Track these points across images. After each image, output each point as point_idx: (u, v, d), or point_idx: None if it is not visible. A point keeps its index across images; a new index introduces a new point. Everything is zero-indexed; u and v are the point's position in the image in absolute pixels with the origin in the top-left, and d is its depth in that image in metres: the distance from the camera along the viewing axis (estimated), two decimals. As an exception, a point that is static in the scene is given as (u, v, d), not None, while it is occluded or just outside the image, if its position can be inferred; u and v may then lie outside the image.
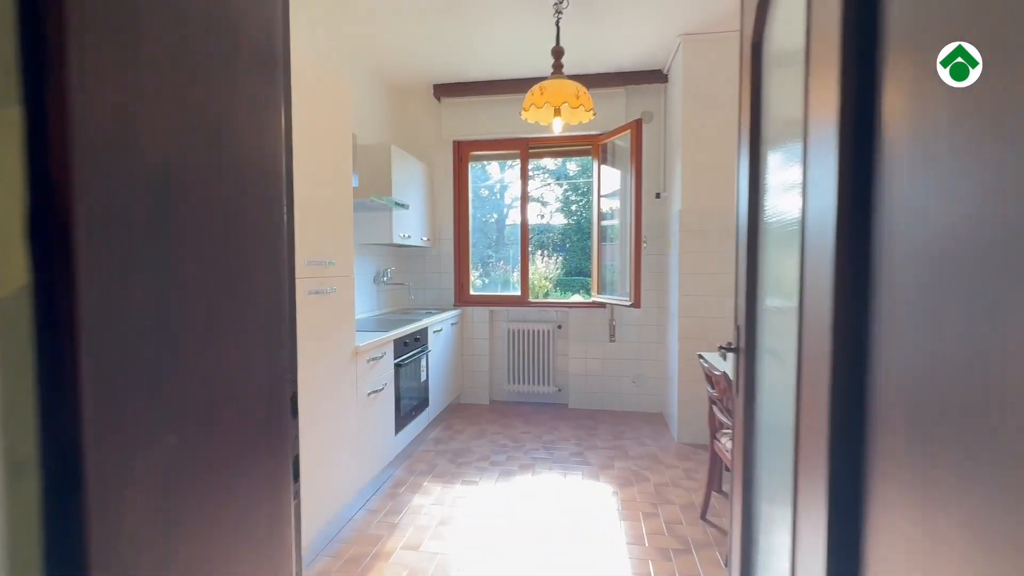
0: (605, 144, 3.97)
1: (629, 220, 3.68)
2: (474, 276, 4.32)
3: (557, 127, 2.37)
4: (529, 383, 4.20)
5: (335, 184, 2.16)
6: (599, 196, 4.02)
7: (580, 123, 2.45)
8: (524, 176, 4.19)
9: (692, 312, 3.28)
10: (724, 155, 3.18)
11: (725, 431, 2.26)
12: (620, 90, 3.86)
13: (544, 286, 6.99)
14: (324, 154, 2.07)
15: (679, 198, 3.33)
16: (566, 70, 2.85)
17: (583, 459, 3.07)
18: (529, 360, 4.19)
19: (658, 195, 3.85)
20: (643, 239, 3.55)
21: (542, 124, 2.52)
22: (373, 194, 2.83)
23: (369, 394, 2.48)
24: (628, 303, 3.58)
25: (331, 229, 2.12)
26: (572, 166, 11.03)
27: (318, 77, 2.02)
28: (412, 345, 3.09)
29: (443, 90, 4.05)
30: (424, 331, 3.30)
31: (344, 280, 2.23)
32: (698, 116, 3.20)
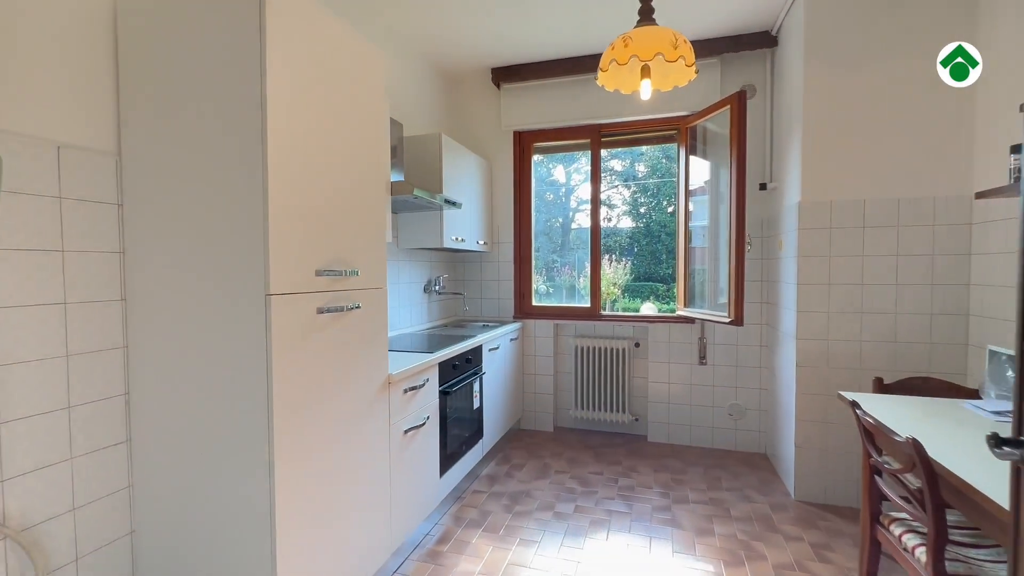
0: (694, 127, 3.30)
1: (727, 218, 2.99)
2: (537, 282, 3.81)
3: (646, 91, 1.79)
4: (600, 409, 3.61)
5: (362, 175, 1.72)
6: (687, 190, 3.36)
7: (675, 88, 1.85)
8: (596, 168, 3.61)
9: (815, 333, 2.54)
10: (865, 129, 2.43)
11: (898, 517, 1.56)
12: (712, 61, 3.18)
13: (612, 292, 6.35)
14: (346, 138, 1.64)
15: (796, 188, 2.61)
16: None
17: (671, 518, 2.44)
18: (600, 382, 3.59)
19: (763, 186, 3.12)
20: (747, 241, 2.86)
21: (623, 93, 1.95)
22: (418, 189, 2.39)
23: (407, 432, 2.02)
24: (726, 319, 2.89)
25: (355, 230, 1.69)
26: (640, 167, 10.26)
27: (335, 44, 1.60)
28: (463, 367, 2.62)
29: (502, 74, 3.57)
30: (478, 350, 2.82)
31: (372, 294, 1.78)
32: (826, 82, 2.48)
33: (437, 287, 3.48)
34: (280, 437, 1.35)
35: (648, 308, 5.08)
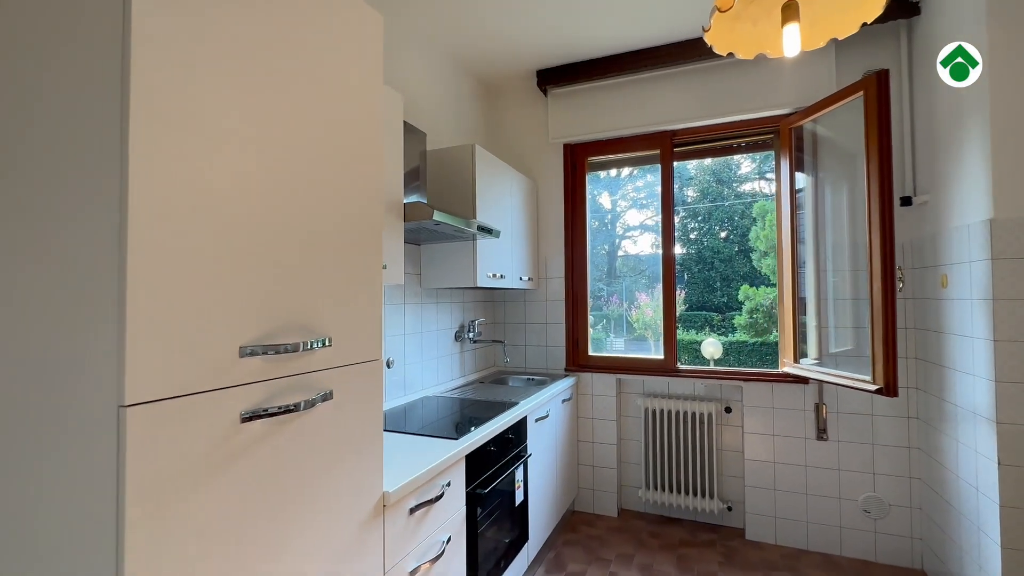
0: (799, 128, 2.55)
1: (859, 243, 2.20)
2: (589, 316, 3.09)
3: (791, 42, 1.09)
4: (679, 492, 2.79)
5: (343, 194, 1.11)
6: (793, 209, 2.58)
7: (843, 35, 1.14)
8: (668, 184, 2.90)
9: (1030, 416, 1.68)
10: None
11: None
12: (824, 48, 2.45)
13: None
14: (314, 138, 1.04)
15: (979, 200, 1.80)
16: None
17: None
18: (679, 457, 2.79)
19: (907, 200, 2.31)
20: (899, 276, 2.05)
21: (740, 54, 1.26)
22: (440, 213, 1.78)
23: (413, 572, 1.34)
24: (871, 386, 2.06)
25: (328, 276, 1.06)
26: (690, 192, 9.50)
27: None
28: (501, 451, 1.92)
29: (550, 77, 2.97)
30: (521, 425, 2.12)
31: (356, 373, 1.14)
32: (1022, 46, 1.69)
33: (471, 334, 2.83)
34: None
35: (711, 344, 4.23)
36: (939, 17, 2.09)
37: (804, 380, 2.50)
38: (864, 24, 1.13)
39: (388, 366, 2.17)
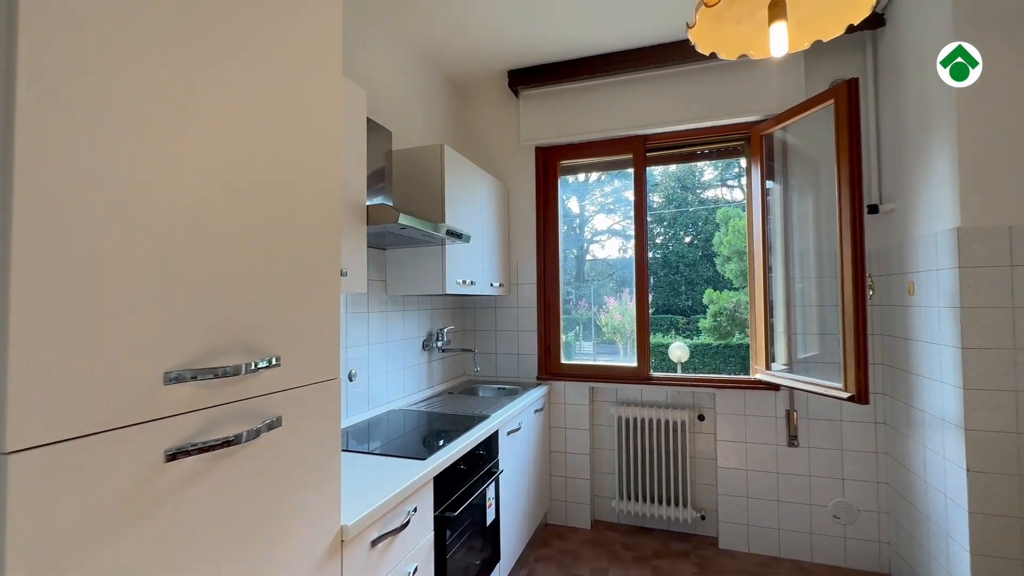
0: (769, 135, 2.56)
1: (826, 250, 2.21)
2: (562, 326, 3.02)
3: (778, 41, 1.03)
4: (653, 501, 2.74)
5: (291, 192, 0.99)
6: (764, 216, 2.58)
7: (829, 37, 1.10)
8: (640, 188, 2.86)
9: (997, 423, 1.70)
10: (1059, 121, 1.66)
11: None
12: (795, 54, 2.46)
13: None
14: (265, 131, 0.92)
15: (946, 209, 1.82)
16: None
17: None
18: (652, 465, 2.74)
19: (874, 208, 2.34)
20: (869, 284, 2.06)
21: (723, 54, 1.20)
22: (407, 216, 1.66)
23: (375, 611, 1.21)
24: (842, 394, 2.06)
25: (276, 286, 0.94)
26: (656, 197, 9.68)
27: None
28: (472, 469, 1.82)
29: (522, 78, 2.90)
30: (492, 440, 2.02)
31: (309, 396, 1.02)
32: (990, 56, 1.72)
33: (440, 342, 2.71)
34: None
35: (678, 348, 4.25)
36: (905, 29, 2.12)
37: (776, 387, 2.50)
38: (850, 26, 1.09)
39: (350, 379, 2.03)
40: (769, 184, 2.60)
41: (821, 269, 2.39)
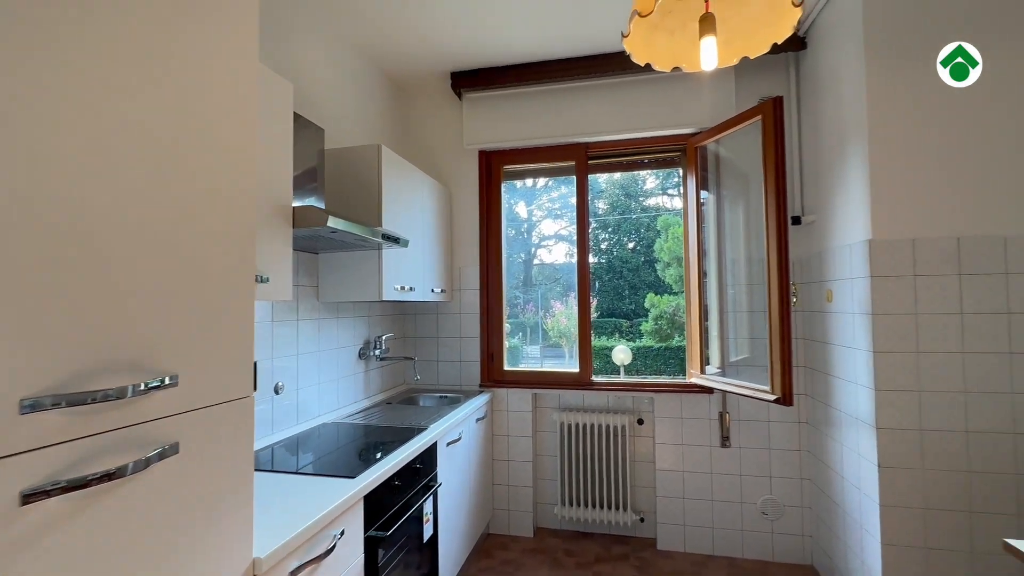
0: (704, 148, 2.66)
1: (752, 259, 2.32)
2: (505, 326, 3.00)
3: (708, 55, 1.05)
4: (594, 506, 2.76)
5: (193, 188, 0.89)
6: (699, 226, 2.67)
7: (755, 54, 1.14)
8: (583, 195, 2.89)
9: (903, 421, 1.83)
10: (954, 143, 1.82)
11: None
12: (725, 70, 2.58)
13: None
14: (163, 118, 0.82)
15: (860, 222, 1.96)
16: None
17: None
18: (593, 470, 2.76)
19: (796, 220, 2.48)
20: (792, 291, 2.17)
21: (657, 66, 1.22)
22: (337, 219, 1.57)
23: (295, 648, 1.12)
24: (769, 396, 2.16)
25: (175, 291, 0.84)
26: (601, 204, 9.97)
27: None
28: (408, 484, 1.74)
29: (465, 80, 2.85)
30: (430, 452, 1.95)
31: (214, 417, 0.92)
32: (896, 85, 1.86)
33: (377, 351, 2.60)
34: None
35: (621, 351, 4.33)
36: (822, 52, 2.26)
37: (710, 390, 2.59)
38: (775, 44, 1.13)
39: (276, 392, 1.90)
40: (704, 194, 2.70)
41: (751, 276, 2.50)
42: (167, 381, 0.80)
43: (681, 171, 2.80)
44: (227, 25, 0.96)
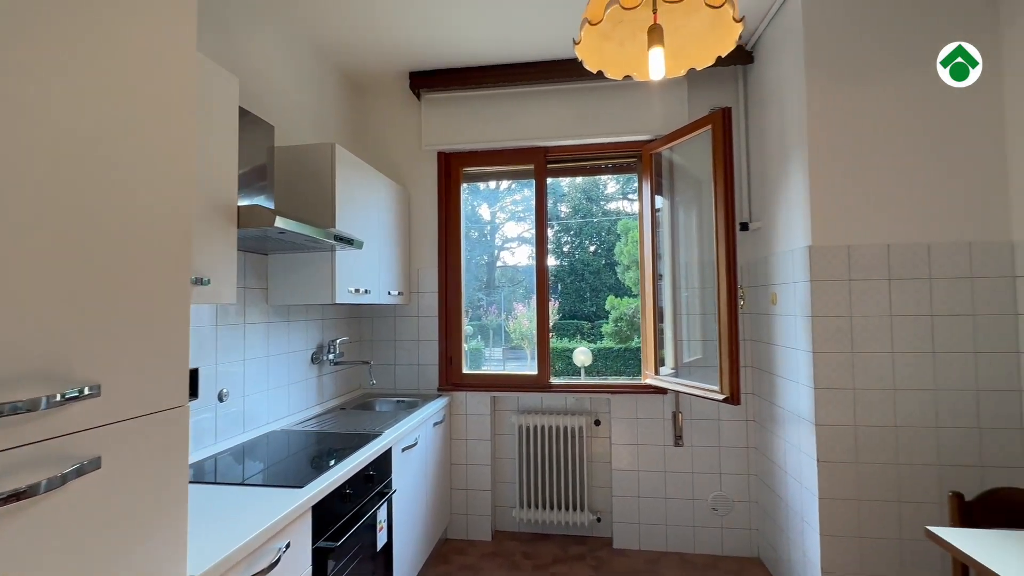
0: (658, 155, 2.74)
1: (698, 265, 2.40)
2: (466, 328, 2.99)
3: (656, 65, 1.08)
4: (552, 507, 2.78)
5: (116, 182, 0.83)
6: (653, 231, 2.74)
7: (701, 66, 1.18)
8: (541, 199, 2.91)
9: (840, 418, 1.94)
10: (883, 155, 1.94)
11: None
12: (678, 80, 2.66)
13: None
14: (82, 105, 0.76)
15: (800, 229, 2.06)
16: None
17: None
18: (551, 472, 2.78)
19: (745, 226, 2.59)
20: (740, 294, 2.26)
21: (609, 73, 1.24)
22: (285, 219, 1.51)
23: (234, 669, 1.06)
24: (718, 396, 2.24)
25: (97, 293, 0.78)
26: (564, 207, 10.12)
27: None
28: (360, 492, 1.69)
29: (424, 80, 2.82)
30: (384, 458, 1.91)
31: (136, 431, 0.86)
32: (834, 100, 1.98)
33: (331, 355, 2.53)
34: None
35: (582, 353, 4.39)
36: (768, 66, 2.37)
37: (663, 391, 2.66)
38: (719, 58, 1.18)
39: (221, 400, 1.81)
40: (659, 199, 2.77)
41: (704, 280, 2.58)
42: (87, 391, 0.75)
43: (637, 176, 2.87)
44: (160, 10, 0.91)
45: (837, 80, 1.98)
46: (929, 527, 1.34)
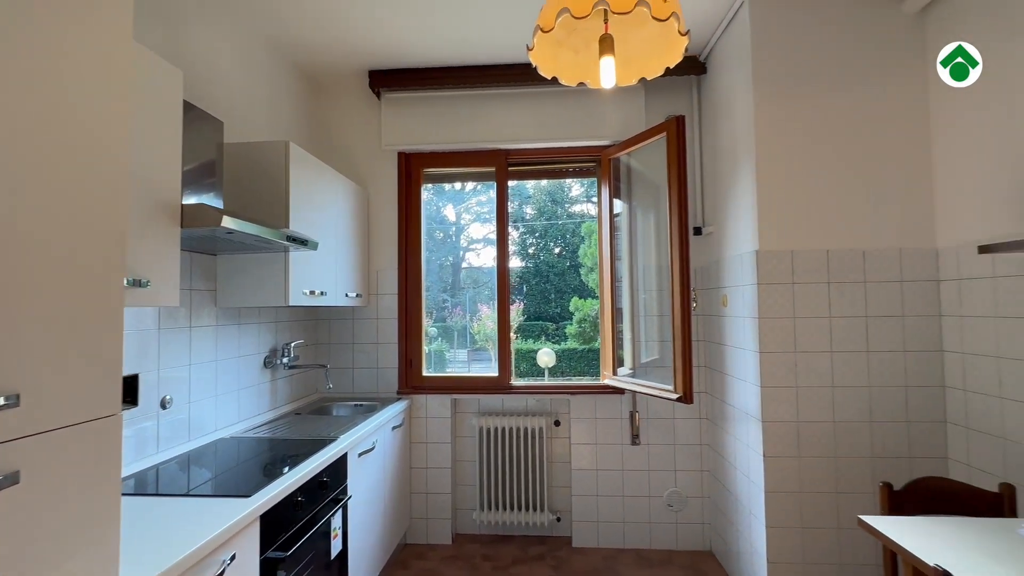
0: (617, 160, 2.80)
1: (656, 268, 2.47)
2: (427, 324, 2.96)
3: (607, 73, 1.11)
4: (513, 508, 2.79)
5: (36, 177, 0.79)
6: (612, 234, 2.80)
7: (651, 76, 1.21)
8: (502, 201, 2.93)
9: (784, 414, 2.03)
10: (823, 165, 2.05)
11: None
12: (635, 85, 2.74)
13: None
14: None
15: (749, 234, 2.15)
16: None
17: None
18: (512, 473, 2.79)
19: (698, 230, 2.68)
20: (693, 298, 2.34)
21: (563, 80, 1.26)
22: (233, 219, 1.46)
23: None
24: (672, 395, 2.31)
25: (16, 298, 0.73)
26: (529, 209, 10.20)
27: None
28: (312, 499, 1.65)
29: (384, 79, 2.79)
30: (339, 464, 1.87)
31: (60, 443, 0.82)
32: (779, 113, 2.08)
33: (286, 359, 2.45)
34: None
35: (545, 354, 4.43)
36: (719, 77, 2.47)
37: (621, 391, 2.72)
38: (668, 70, 1.22)
39: (163, 407, 1.73)
40: (618, 203, 2.83)
41: (660, 282, 2.66)
42: (3, 401, 0.70)
43: (597, 181, 2.92)
44: (88, 5, 0.87)
45: (782, 93, 2.08)
46: (862, 516, 1.42)
